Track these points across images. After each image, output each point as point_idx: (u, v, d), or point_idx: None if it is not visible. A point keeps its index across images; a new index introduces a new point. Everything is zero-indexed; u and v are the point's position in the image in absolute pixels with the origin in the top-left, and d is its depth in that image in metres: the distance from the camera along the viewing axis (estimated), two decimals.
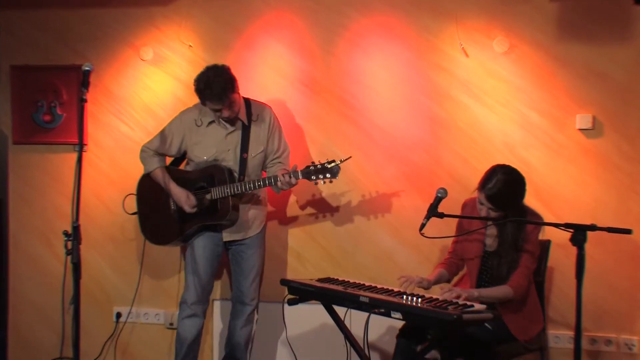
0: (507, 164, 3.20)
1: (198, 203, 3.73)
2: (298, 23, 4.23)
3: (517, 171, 3.14)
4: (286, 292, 3.31)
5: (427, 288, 3.21)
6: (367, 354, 3.09)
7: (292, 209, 4.24)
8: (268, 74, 4.26)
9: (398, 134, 4.09)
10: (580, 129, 3.86)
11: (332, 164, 3.55)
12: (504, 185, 3.07)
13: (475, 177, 3.61)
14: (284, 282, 3.31)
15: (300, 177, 3.58)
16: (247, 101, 3.83)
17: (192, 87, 3.64)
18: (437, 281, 3.32)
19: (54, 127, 4.43)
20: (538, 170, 3.89)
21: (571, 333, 3.68)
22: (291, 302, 3.28)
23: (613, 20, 3.82)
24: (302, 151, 4.17)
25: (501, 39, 3.94)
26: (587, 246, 2.69)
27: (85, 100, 2.93)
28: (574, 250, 2.69)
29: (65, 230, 2.86)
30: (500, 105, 3.96)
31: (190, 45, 4.31)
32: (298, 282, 3.26)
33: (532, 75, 3.92)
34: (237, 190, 3.64)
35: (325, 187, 4.15)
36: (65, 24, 4.45)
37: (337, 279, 3.36)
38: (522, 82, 3.93)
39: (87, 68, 2.98)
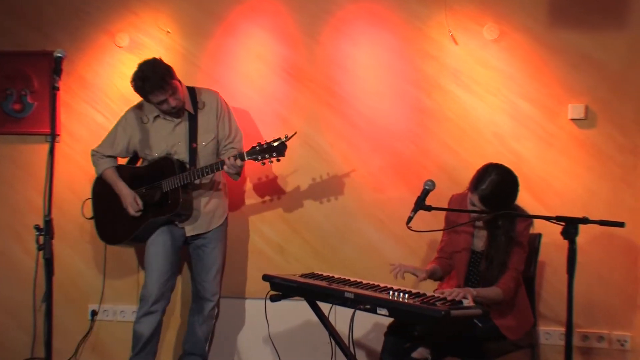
0: (498, 157, 3.20)
1: (149, 198, 3.77)
2: (281, 9, 4.20)
3: (509, 170, 3.14)
4: (269, 288, 3.29)
5: (423, 279, 3.20)
6: (353, 352, 3.09)
7: (272, 200, 4.22)
8: (250, 62, 4.23)
9: (385, 124, 4.09)
10: (572, 119, 3.88)
11: (278, 142, 3.55)
12: (497, 186, 3.06)
13: (464, 169, 3.64)
14: (267, 277, 3.29)
15: (245, 158, 3.59)
16: (192, 89, 3.85)
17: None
18: (431, 275, 3.32)
19: (25, 117, 4.38)
20: (529, 162, 3.90)
21: (562, 329, 3.70)
22: (274, 299, 3.26)
23: (606, 7, 3.83)
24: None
25: (491, 26, 3.94)
26: (579, 240, 2.70)
27: (58, 89, 2.90)
28: (565, 244, 2.69)
29: (36, 225, 2.83)
30: (490, 94, 3.96)
31: (169, 32, 4.28)
32: (281, 278, 3.24)
33: (523, 63, 3.93)
34: (186, 179, 3.65)
35: (309, 179, 4.14)
36: (36, 8, 4.39)
37: (322, 275, 3.35)
38: (513, 71, 3.94)
39: (59, 54, 2.95)
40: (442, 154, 4.02)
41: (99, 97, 4.36)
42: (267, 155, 3.56)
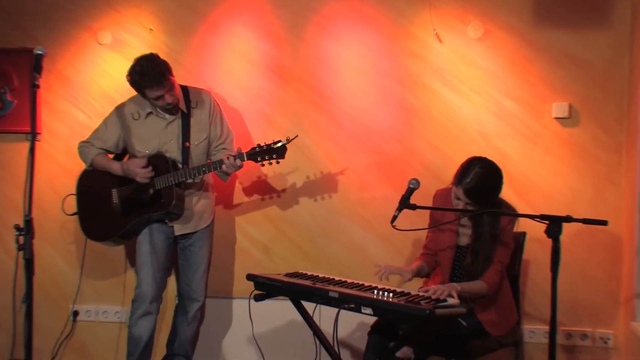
0: (482, 155, 3.21)
1: (140, 195, 3.73)
2: (265, 7, 4.19)
3: (493, 163, 3.16)
4: (253, 288, 3.28)
5: (408, 280, 3.21)
6: (337, 351, 3.09)
7: (257, 200, 4.21)
8: (234, 60, 4.22)
9: (369, 123, 4.09)
10: (556, 118, 3.90)
11: (278, 144, 3.56)
12: (482, 179, 3.07)
13: (449, 167, 3.65)
14: (251, 277, 3.28)
15: (245, 158, 3.58)
16: (185, 88, 3.83)
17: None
18: (417, 274, 3.33)
19: (4, 115, 4.34)
20: (513, 160, 3.92)
21: (547, 328, 3.72)
22: (258, 298, 3.26)
23: (590, 6, 3.86)
24: (269, 140, 4.13)
25: (476, 25, 3.95)
26: (563, 238, 2.72)
27: (38, 86, 2.86)
28: (549, 242, 2.71)
29: (16, 225, 2.80)
30: (474, 93, 3.98)
31: (151, 29, 4.25)
32: (265, 277, 3.23)
33: (508, 62, 3.95)
34: (181, 177, 3.64)
35: (294, 178, 4.14)
36: (16, 4, 4.36)
37: (306, 274, 3.35)
38: (497, 69, 3.96)
39: (39, 52, 2.91)
40: (427, 153, 4.02)
41: (80, 95, 4.33)
42: (267, 157, 3.57)
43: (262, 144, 3.58)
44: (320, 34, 4.13)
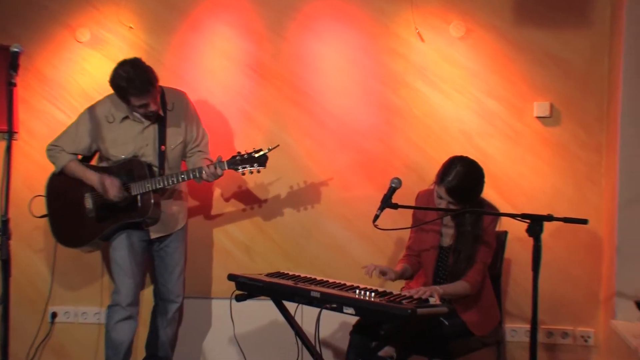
0: (464, 154, 3.22)
1: (116, 201, 3.63)
2: (246, 5, 4.18)
3: (475, 162, 3.18)
4: (234, 288, 3.27)
5: (391, 279, 3.22)
6: (319, 351, 3.09)
7: (238, 199, 4.20)
8: (215, 58, 4.20)
9: (351, 122, 4.09)
10: (537, 117, 3.93)
11: (260, 153, 3.54)
12: (464, 178, 3.09)
13: (431, 166, 3.66)
14: (232, 277, 3.27)
15: (226, 167, 3.55)
16: (160, 89, 3.71)
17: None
18: (401, 275, 3.33)
19: None
20: (495, 159, 3.94)
21: (528, 326, 3.71)
22: (239, 298, 3.26)
23: (570, 5, 3.89)
24: (250, 140, 4.13)
25: (457, 24, 3.97)
26: (545, 237, 2.74)
27: (15, 84, 2.83)
28: (531, 241, 2.72)
29: None
30: (456, 92, 3.99)
31: (131, 27, 4.22)
32: (246, 277, 3.23)
33: (489, 60, 3.97)
34: (159, 184, 3.59)
35: (275, 177, 4.13)
36: None
37: (288, 274, 3.35)
38: (479, 68, 3.98)
39: (15, 49, 2.88)
40: (409, 152, 4.03)
41: (59, 93, 4.29)
42: (247, 166, 3.54)
43: (243, 152, 3.55)
44: (302, 32, 4.13)
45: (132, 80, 3.44)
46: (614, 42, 3.77)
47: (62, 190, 3.81)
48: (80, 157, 3.81)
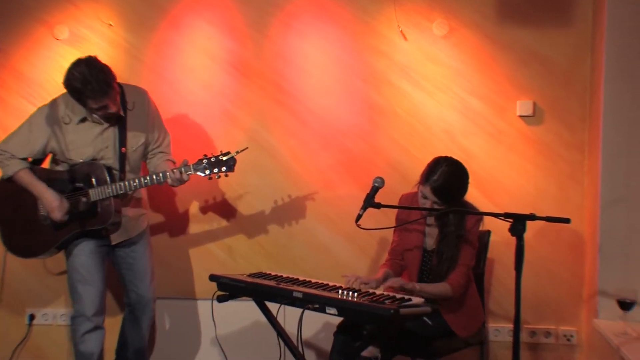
0: (447, 153, 3.25)
1: (73, 207, 3.47)
2: (228, 2, 4.17)
3: (460, 162, 3.20)
4: (215, 289, 3.26)
5: (375, 288, 3.22)
6: (302, 352, 3.09)
7: (219, 198, 4.19)
8: (196, 57, 4.18)
9: (334, 121, 4.09)
10: (520, 116, 3.95)
11: (228, 156, 3.42)
12: (450, 177, 3.11)
13: (414, 166, 3.67)
14: (213, 277, 3.26)
15: (192, 171, 3.43)
16: (119, 87, 3.53)
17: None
18: (384, 282, 3.32)
19: None
20: (478, 159, 3.96)
21: (511, 326, 3.74)
22: (221, 299, 3.23)
23: (553, 4, 3.91)
24: (232, 139, 4.12)
25: (441, 22, 3.98)
26: (527, 236, 2.75)
27: None
28: (514, 240, 2.74)
29: None
30: (439, 90, 4.01)
31: (111, 24, 4.19)
32: (228, 278, 3.22)
33: (472, 59, 3.99)
34: (121, 190, 3.42)
35: (257, 176, 4.12)
36: None
37: (270, 274, 3.34)
38: (462, 67, 3.99)
39: None
40: (391, 151, 4.04)
41: (36, 91, 4.25)
42: (215, 170, 3.42)
43: (210, 156, 3.43)
44: (284, 30, 4.12)
45: (89, 82, 3.23)
46: (595, 41, 3.80)
47: (12, 195, 3.58)
48: (31, 159, 3.60)
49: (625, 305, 3.25)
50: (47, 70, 4.23)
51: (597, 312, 3.62)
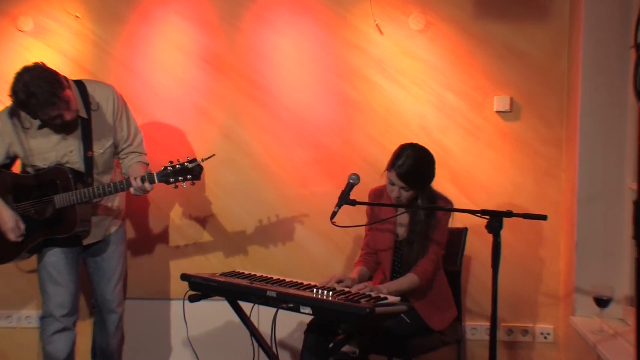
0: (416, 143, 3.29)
1: (38, 214, 3.41)
2: None
3: (425, 148, 3.26)
4: (187, 288, 3.25)
5: (351, 287, 3.22)
6: (276, 353, 3.08)
7: (191, 196, 4.16)
8: (167, 50, 4.15)
9: (309, 116, 4.09)
10: (497, 111, 3.98)
11: (193, 164, 3.29)
12: (415, 162, 3.16)
13: None
14: (185, 277, 3.24)
15: (155, 180, 3.30)
16: (81, 85, 3.44)
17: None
18: (360, 280, 3.34)
19: None
20: (455, 155, 3.99)
21: (489, 324, 3.79)
22: (192, 299, 3.23)
23: None
24: (205, 135, 4.11)
25: (417, 16, 3.99)
26: (505, 233, 2.78)
27: None
28: (491, 237, 2.76)
29: None
30: (416, 86, 4.02)
31: (78, 16, 4.14)
32: (200, 277, 3.21)
33: (449, 54, 4.01)
34: (85, 197, 3.34)
35: (230, 173, 4.11)
36: None
37: (243, 273, 3.34)
38: (439, 62, 4.01)
39: None
40: (367, 147, 4.05)
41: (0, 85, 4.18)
42: (180, 178, 3.30)
43: (175, 163, 3.29)
44: (257, 23, 4.10)
45: (32, 94, 3.09)
46: (573, 36, 3.84)
47: None
48: None
49: (601, 302, 3.29)
50: (10, 63, 4.13)
51: (573, 309, 3.67)
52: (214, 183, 4.14)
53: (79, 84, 3.46)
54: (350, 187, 3.23)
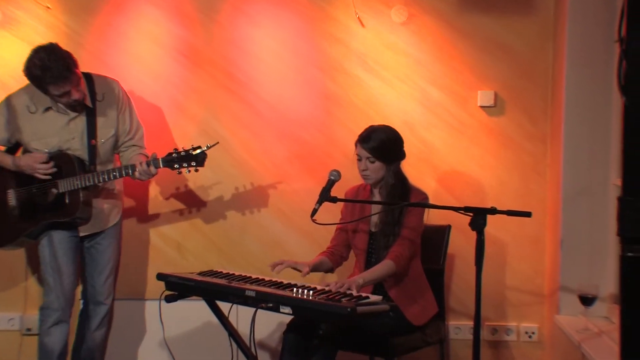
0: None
1: (41, 198, 3.57)
2: None
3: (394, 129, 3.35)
4: (163, 288, 3.23)
5: (306, 273, 3.22)
6: (255, 354, 3.08)
7: (168, 193, 4.14)
8: (142, 43, 4.12)
9: (288, 111, 4.08)
10: (481, 106, 4.00)
11: (198, 151, 3.47)
12: (380, 132, 3.26)
13: None
14: (161, 276, 3.24)
15: (161, 165, 3.49)
16: (89, 77, 3.64)
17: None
18: (317, 267, 3.36)
19: None
20: (439, 151, 4.00)
21: (472, 323, 3.81)
22: (169, 299, 3.22)
23: None
24: (182, 130, 4.09)
25: (399, 8, 4.00)
26: (489, 230, 2.79)
27: None
28: (474, 235, 2.77)
29: None
30: (398, 80, 4.03)
31: (49, 7, 4.09)
32: (176, 277, 3.20)
33: (433, 47, 4.02)
34: (89, 182, 3.50)
35: (208, 170, 4.07)
36: None
37: (221, 272, 3.33)
38: (422, 55, 4.02)
39: None
40: (349, 143, 3.99)
41: None
42: (185, 164, 3.47)
43: (180, 150, 3.49)
44: (235, 15, 4.09)
45: (48, 68, 3.31)
46: (558, 30, 3.87)
47: None
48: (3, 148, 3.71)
49: (586, 300, 3.32)
50: None
51: (558, 308, 3.70)
52: (191, 180, 4.12)
53: (86, 75, 3.63)
54: (331, 183, 3.23)
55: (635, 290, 1.75)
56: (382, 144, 3.23)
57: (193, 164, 3.48)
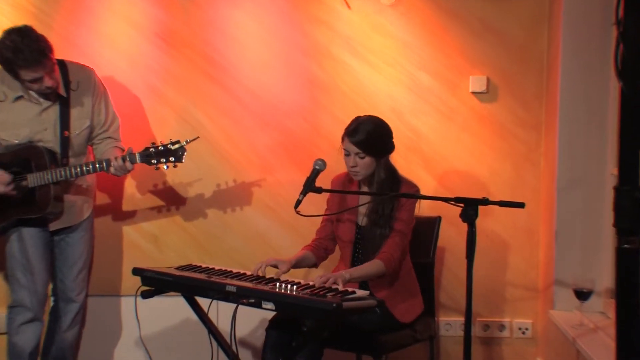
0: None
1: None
2: None
3: (382, 119, 3.31)
4: (139, 284, 3.23)
5: (284, 271, 3.21)
6: (236, 351, 3.08)
7: (145, 184, 4.12)
8: (116, 25, 4.09)
9: (272, 98, 4.07)
10: (473, 92, 4.00)
11: (176, 145, 3.45)
12: (369, 125, 3.21)
13: None
14: (137, 271, 3.23)
15: (137, 160, 3.46)
16: (62, 64, 3.58)
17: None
18: (298, 264, 3.35)
19: None
20: (429, 139, 4.00)
21: (463, 319, 3.83)
22: (145, 295, 3.22)
23: None
24: (160, 118, 4.06)
25: None
26: (481, 222, 2.80)
27: None
28: (465, 227, 2.77)
29: None
30: (387, 65, 4.02)
31: None
32: (153, 271, 3.20)
33: (422, 31, 4.01)
34: (60, 176, 3.46)
35: (187, 159, 4.04)
36: None
37: (200, 266, 3.33)
38: (411, 39, 4.02)
39: None
40: (335, 131, 4.00)
41: None
42: (163, 160, 3.44)
43: (158, 144, 3.46)
44: None
45: (20, 51, 3.26)
46: (553, 12, 3.87)
47: None
48: None
49: (582, 295, 3.34)
50: None
51: (553, 302, 3.72)
52: (170, 170, 4.09)
53: (60, 62, 3.56)
54: (315, 173, 3.22)
55: (632, 283, 1.75)
56: (370, 137, 3.19)
57: (172, 159, 3.45)
